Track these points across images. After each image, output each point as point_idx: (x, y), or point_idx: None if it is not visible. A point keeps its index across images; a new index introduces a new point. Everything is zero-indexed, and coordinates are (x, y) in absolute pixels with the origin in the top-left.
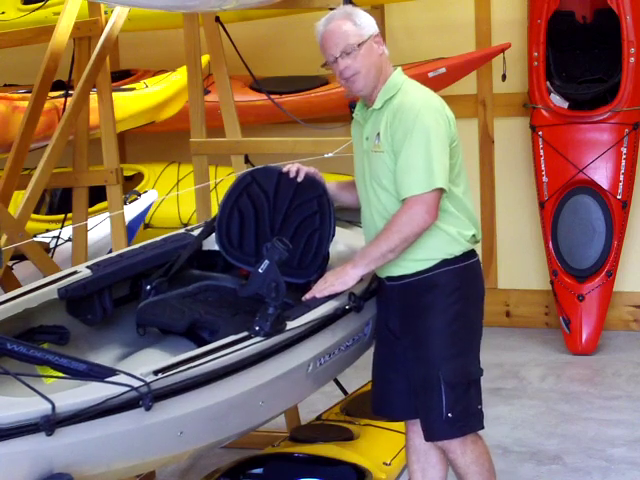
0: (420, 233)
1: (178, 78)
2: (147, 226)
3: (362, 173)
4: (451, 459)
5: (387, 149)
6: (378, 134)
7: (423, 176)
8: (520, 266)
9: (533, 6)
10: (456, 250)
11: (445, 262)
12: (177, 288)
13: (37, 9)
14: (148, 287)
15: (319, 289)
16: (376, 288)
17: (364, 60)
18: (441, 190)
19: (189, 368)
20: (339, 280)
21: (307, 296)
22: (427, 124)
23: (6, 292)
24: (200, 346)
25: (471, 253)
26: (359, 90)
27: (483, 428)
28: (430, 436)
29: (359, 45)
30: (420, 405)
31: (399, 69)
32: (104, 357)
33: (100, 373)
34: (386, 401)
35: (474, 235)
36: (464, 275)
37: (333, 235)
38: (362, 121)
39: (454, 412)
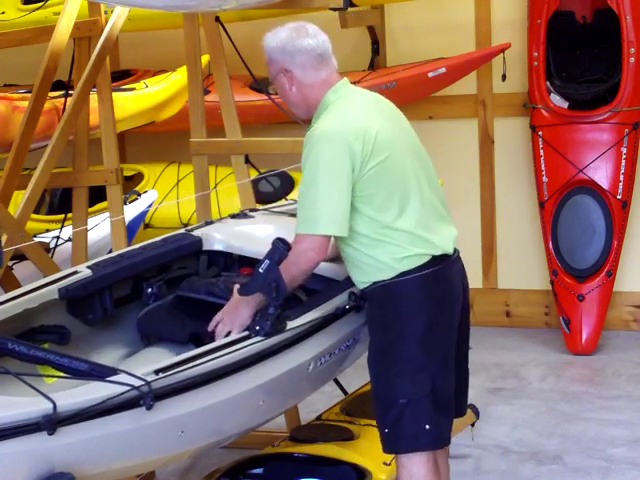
0: (308, 271)
1: (178, 78)
2: (147, 226)
3: None
4: (399, 473)
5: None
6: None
7: (308, 217)
8: (520, 266)
9: (533, 6)
10: (388, 275)
11: (378, 282)
12: (175, 291)
13: (37, 9)
14: (149, 290)
15: (220, 331)
16: None
17: (282, 94)
18: (320, 235)
19: (190, 368)
20: (236, 323)
21: (216, 337)
22: (319, 158)
23: (6, 292)
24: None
25: (417, 268)
26: (298, 116)
27: (435, 449)
28: (382, 447)
29: (272, 79)
30: None
31: (338, 85)
32: (105, 357)
33: (101, 372)
34: None
35: (417, 255)
36: (399, 291)
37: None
38: None
39: (390, 428)
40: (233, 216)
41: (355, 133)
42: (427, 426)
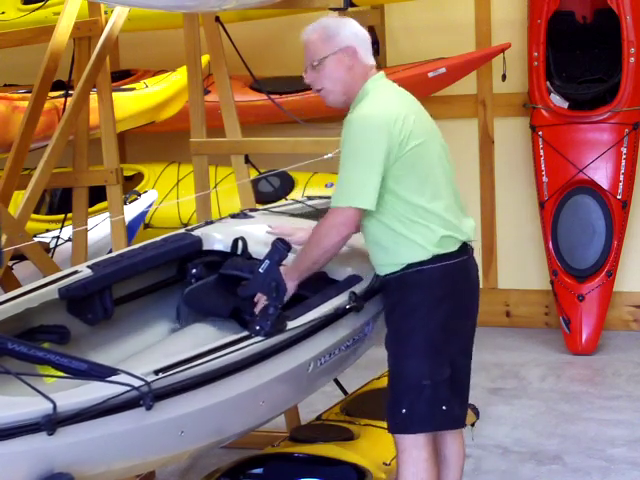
0: (338, 244)
1: (178, 78)
2: (147, 226)
3: None
4: (399, 457)
5: None
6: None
7: (343, 191)
8: (520, 266)
9: (533, 6)
10: (420, 257)
11: (411, 265)
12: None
13: (37, 9)
14: (193, 271)
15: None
16: (377, 288)
17: (327, 75)
18: (355, 209)
19: (190, 368)
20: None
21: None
22: (358, 139)
23: (6, 292)
24: (243, 327)
25: (446, 256)
26: (331, 104)
27: (450, 429)
28: (389, 427)
29: (323, 59)
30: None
31: (376, 76)
32: (105, 357)
33: (101, 372)
34: None
35: (449, 237)
36: (434, 275)
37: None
38: None
39: (410, 409)
40: (233, 216)
41: (394, 117)
42: (444, 407)
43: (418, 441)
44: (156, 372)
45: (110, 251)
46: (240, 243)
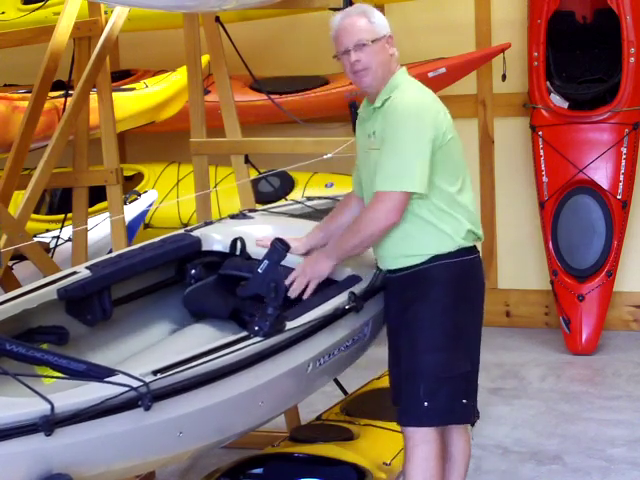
0: (385, 229)
1: (178, 78)
2: (147, 226)
3: (367, 170)
4: (409, 452)
5: (380, 147)
6: (374, 132)
7: (395, 174)
8: (520, 266)
9: (533, 6)
10: (448, 247)
11: (437, 257)
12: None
13: (37, 9)
14: (193, 271)
15: (299, 283)
16: (376, 288)
17: (375, 57)
18: (407, 193)
19: (189, 368)
20: (315, 272)
21: (292, 293)
22: (409, 124)
23: (6, 292)
24: (242, 327)
25: (467, 250)
26: (367, 86)
27: (469, 422)
28: (405, 421)
29: (373, 41)
30: (403, 391)
31: (403, 69)
32: (103, 357)
33: (99, 373)
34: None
35: (472, 232)
36: (457, 270)
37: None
38: (366, 118)
39: (432, 402)
40: (232, 216)
41: (438, 107)
42: (464, 400)
43: (429, 435)
44: (155, 373)
45: (110, 251)
46: (239, 243)
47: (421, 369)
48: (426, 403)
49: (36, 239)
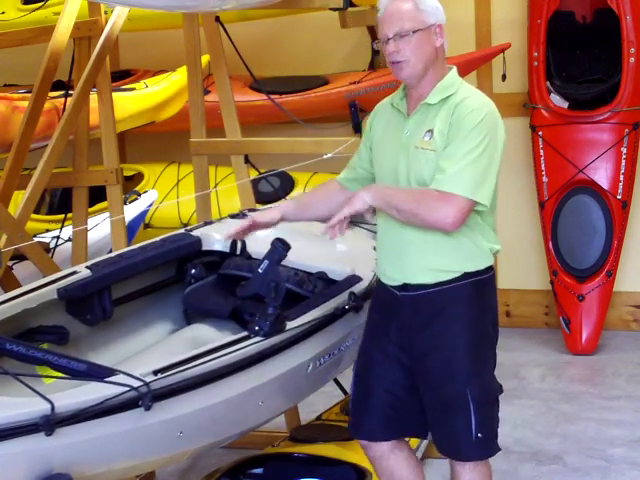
0: (431, 226)
1: (178, 78)
2: (147, 226)
3: (394, 167)
4: (456, 471)
5: (440, 148)
6: (430, 131)
7: (471, 181)
8: (520, 266)
9: (533, 6)
10: (482, 264)
11: (467, 275)
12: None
13: (37, 9)
14: (193, 270)
15: (334, 218)
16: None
17: (417, 48)
18: (475, 203)
19: (189, 368)
20: (348, 203)
21: (329, 225)
22: (490, 131)
23: (6, 292)
24: (242, 327)
25: (491, 267)
26: (405, 78)
27: (500, 450)
28: (461, 457)
29: (415, 31)
30: (445, 425)
31: (455, 68)
32: (104, 357)
33: (99, 373)
34: (365, 420)
35: (499, 250)
36: (485, 288)
37: None
38: (404, 112)
39: (484, 432)
40: (232, 216)
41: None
42: (496, 427)
43: (488, 462)
44: (155, 372)
45: (110, 251)
46: (239, 243)
47: (468, 398)
48: (480, 434)
49: (36, 239)
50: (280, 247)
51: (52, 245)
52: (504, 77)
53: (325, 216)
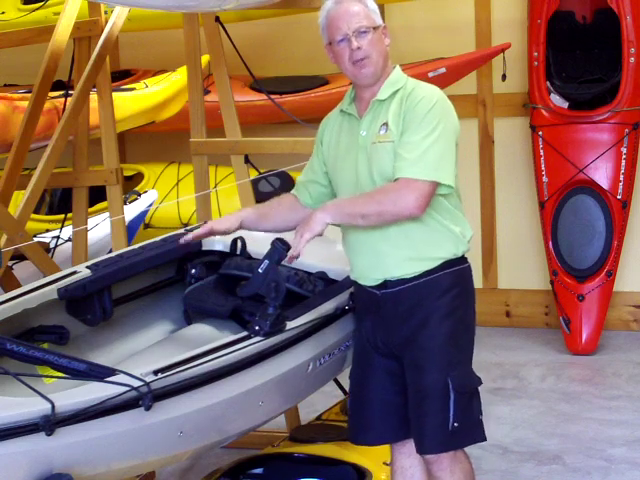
0: (398, 218)
1: (178, 78)
2: (147, 226)
3: (354, 169)
4: (437, 477)
5: (397, 138)
6: (384, 124)
7: (428, 164)
8: (520, 266)
9: (533, 6)
10: (459, 250)
11: (448, 263)
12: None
13: (37, 9)
14: (193, 270)
15: (294, 242)
16: None
17: (376, 45)
18: (437, 185)
19: (189, 368)
20: (307, 228)
21: (292, 253)
22: (443, 116)
23: (6, 292)
24: (242, 327)
25: (465, 256)
26: (367, 76)
27: (485, 440)
28: (427, 449)
29: (374, 28)
30: (420, 416)
31: (398, 66)
32: (104, 357)
33: (100, 373)
34: (362, 426)
35: (471, 236)
36: (463, 277)
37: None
38: (356, 115)
39: (460, 421)
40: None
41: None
42: (480, 416)
43: (460, 454)
44: (155, 372)
45: (110, 251)
46: (239, 243)
47: (448, 387)
48: (456, 424)
49: (36, 239)
50: (280, 247)
51: (52, 245)
52: (504, 77)
53: (282, 229)
